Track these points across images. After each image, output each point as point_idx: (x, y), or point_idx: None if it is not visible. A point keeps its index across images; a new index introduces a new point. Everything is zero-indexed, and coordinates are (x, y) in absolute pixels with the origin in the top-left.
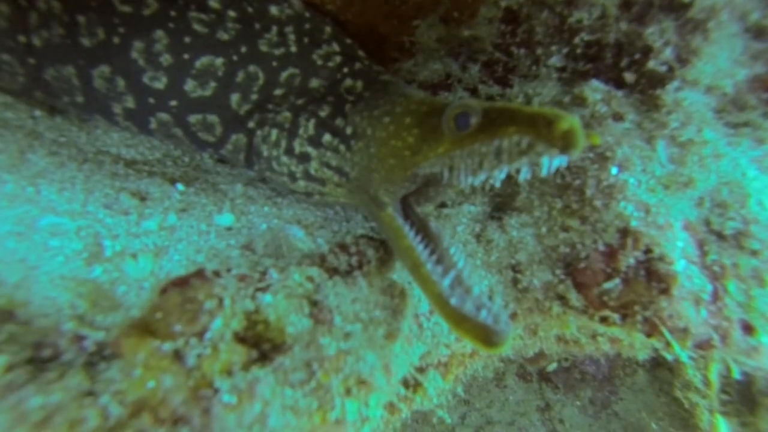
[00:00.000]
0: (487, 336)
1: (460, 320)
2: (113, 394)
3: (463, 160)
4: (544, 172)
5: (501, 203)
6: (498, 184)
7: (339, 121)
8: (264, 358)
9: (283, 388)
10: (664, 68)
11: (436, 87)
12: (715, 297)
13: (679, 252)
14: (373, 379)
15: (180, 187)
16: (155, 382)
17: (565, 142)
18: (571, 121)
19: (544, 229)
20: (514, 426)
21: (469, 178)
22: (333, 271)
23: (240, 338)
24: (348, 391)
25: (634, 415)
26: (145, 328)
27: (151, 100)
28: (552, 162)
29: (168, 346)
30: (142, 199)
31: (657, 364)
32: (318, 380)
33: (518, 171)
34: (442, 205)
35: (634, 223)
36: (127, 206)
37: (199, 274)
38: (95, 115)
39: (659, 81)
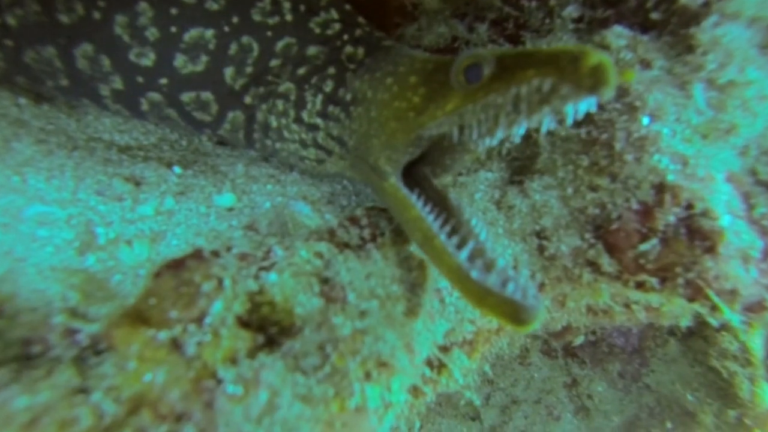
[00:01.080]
0: (515, 312)
1: (483, 295)
2: (107, 390)
3: (476, 116)
4: (569, 121)
5: (520, 167)
6: (517, 140)
7: (341, 92)
8: (271, 343)
9: (294, 375)
10: (698, 2)
11: (443, 52)
12: (766, 254)
13: (723, 206)
14: (394, 360)
15: (177, 170)
16: (152, 374)
17: (594, 80)
18: (599, 55)
19: (569, 190)
20: (540, 404)
21: (483, 137)
22: (344, 246)
23: (243, 322)
24: (367, 375)
25: (667, 387)
26: (138, 316)
27: (140, 79)
28: (579, 107)
29: (164, 335)
30: (137, 183)
31: (690, 333)
32: (333, 364)
33: (539, 125)
34: (457, 170)
35: (670, 177)
36: (121, 192)
37: (196, 254)
38: (83, 99)
39: (693, 18)
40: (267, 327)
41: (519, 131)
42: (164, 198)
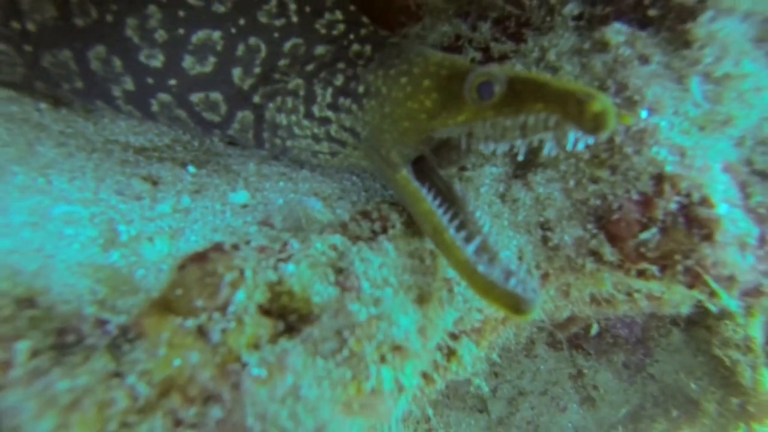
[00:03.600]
0: (516, 304)
1: (488, 288)
2: (140, 374)
3: (485, 131)
4: (569, 148)
5: (524, 161)
6: (521, 157)
7: (353, 84)
8: (291, 329)
9: (314, 358)
10: None
11: (447, 50)
12: (763, 241)
13: (720, 195)
14: (408, 344)
15: (191, 169)
16: (181, 360)
17: (595, 124)
18: (603, 101)
19: (572, 183)
20: (547, 395)
21: (489, 147)
22: (356, 238)
23: (265, 310)
24: (383, 358)
25: (671, 376)
26: (165, 306)
27: (150, 80)
28: (578, 141)
29: (191, 323)
30: (154, 183)
31: (692, 322)
32: (350, 348)
33: (541, 142)
34: (462, 168)
35: (669, 168)
36: (139, 191)
37: (218, 247)
38: (97, 101)
39: (690, 14)
40: (287, 315)
41: (523, 147)
42: (181, 196)
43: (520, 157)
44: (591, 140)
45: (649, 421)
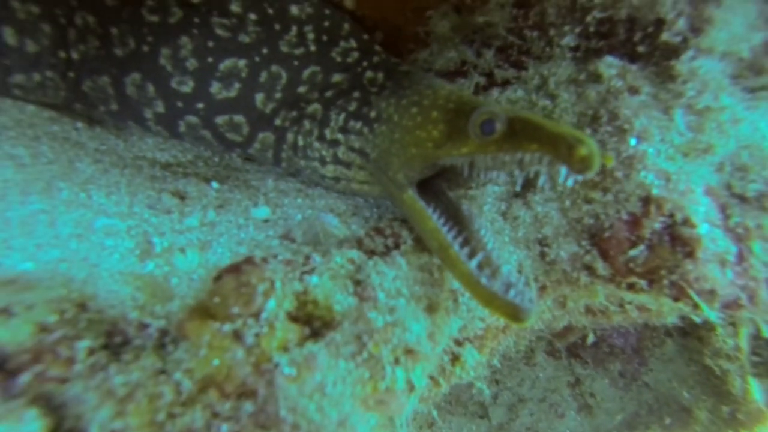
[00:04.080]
0: (515, 313)
1: (491, 299)
2: (184, 371)
3: (485, 163)
4: (560, 181)
5: (524, 182)
6: (518, 188)
7: (365, 110)
8: (316, 334)
9: (337, 360)
10: (677, 39)
11: (453, 74)
12: (741, 258)
13: (701, 216)
14: (419, 347)
15: (215, 185)
16: (219, 360)
17: (582, 166)
18: (590, 146)
19: (567, 203)
20: (545, 402)
21: (488, 175)
22: (371, 253)
23: (293, 317)
24: (397, 360)
25: (664, 385)
26: (205, 312)
27: (180, 104)
28: (568, 178)
29: (228, 327)
30: (182, 198)
31: (685, 333)
32: (369, 351)
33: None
34: (467, 186)
35: (655, 191)
36: (169, 205)
37: (249, 260)
38: (129, 121)
39: (673, 52)
40: (312, 321)
41: (520, 179)
42: (207, 211)
43: (517, 188)
44: (579, 177)
45: (644, 427)
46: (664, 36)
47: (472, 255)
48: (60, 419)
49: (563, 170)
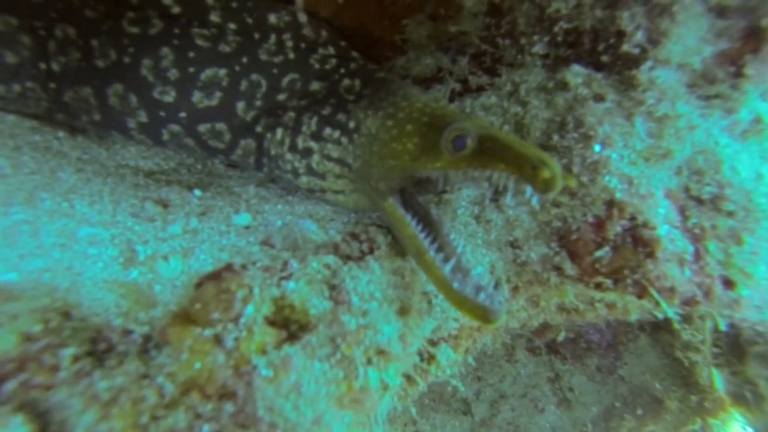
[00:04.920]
0: (485, 314)
1: (462, 301)
2: (166, 375)
3: (457, 177)
4: (526, 198)
5: (493, 194)
6: (488, 201)
7: (341, 116)
8: (293, 337)
9: (313, 361)
10: (637, 50)
11: (429, 80)
12: (697, 257)
13: (661, 218)
14: (390, 348)
15: (197, 192)
16: (201, 363)
17: (544, 186)
18: (553, 169)
19: (537, 207)
20: (526, 398)
21: (461, 187)
22: (347, 258)
23: (270, 321)
24: (369, 361)
25: (638, 377)
26: (186, 318)
27: (162, 113)
28: (533, 196)
29: (209, 332)
30: (165, 206)
31: (658, 327)
32: (342, 352)
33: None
34: (443, 191)
35: (618, 195)
36: (152, 213)
37: (229, 268)
38: (112, 131)
39: (634, 62)
40: (289, 325)
41: (488, 194)
42: (189, 218)
43: (487, 201)
44: (542, 198)
45: (619, 419)
46: (625, 47)
47: (446, 260)
48: (45, 424)
49: (528, 189)
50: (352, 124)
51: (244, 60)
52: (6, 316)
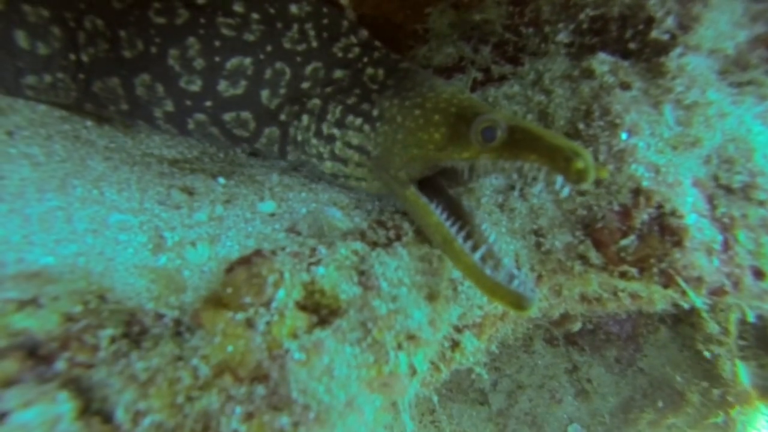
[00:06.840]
0: (519, 301)
1: (495, 288)
2: (200, 357)
3: (485, 167)
4: (556, 189)
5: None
6: (516, 193)
7: (365, 106)
8: (323, 322)
9: (344, 345)
10: (666, 36)
11: (451, 70)
12: (726, 246)
13: (689, 207)
14: (421, 333)
15: (221, 180)
16: (233, 346)
17: (578, 177)
18: (586, 160)
19: (562, 195)
20: (544, 389)
21: (488, 178)
22: (374, 244)
23: (301, 306)
24: (400, 346)
25: (658, 370)
26: (218, 301)
27: (188, 102)
28: (564, 187)
29: (240, 316)
30: (190, 193)
31: (678, 320)
32: (373, 337)
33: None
34: (466, 182)
35: (645, 183)
36: (178, 201)
37: (259, 253)
38: (138, 120)
39: (663, 49)
40: (319, 309)
41: (517, 184)
42: (214, 206)
43: (516, 193)
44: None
45: (639, 411)
46: (654, 33)
47: (475, 248)
48: (88, 401)
49: (559, 180)
50: (375, 113)
51: (269, 48)
52: (47, 297)
